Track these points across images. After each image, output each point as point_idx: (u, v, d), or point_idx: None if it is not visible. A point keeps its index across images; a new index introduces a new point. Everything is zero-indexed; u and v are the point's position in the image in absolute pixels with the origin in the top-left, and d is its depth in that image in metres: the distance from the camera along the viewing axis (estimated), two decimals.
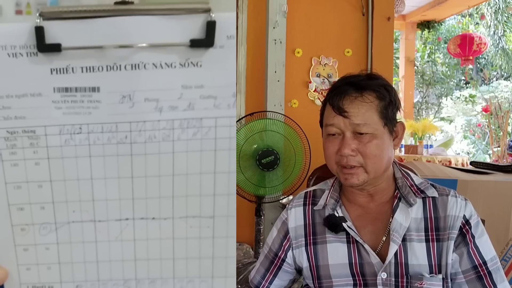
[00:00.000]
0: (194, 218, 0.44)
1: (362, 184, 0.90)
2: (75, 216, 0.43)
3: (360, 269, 0.90)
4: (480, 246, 0.88)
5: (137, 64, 0.41)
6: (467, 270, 0.88)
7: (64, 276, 0.44)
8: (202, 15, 0.41)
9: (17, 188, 0.43)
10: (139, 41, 0.41)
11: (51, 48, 0.40)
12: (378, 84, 0.90)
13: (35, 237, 0.43)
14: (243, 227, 2.43)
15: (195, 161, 0.43)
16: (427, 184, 0.95)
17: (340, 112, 0.89)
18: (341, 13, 2.78)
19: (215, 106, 0.42)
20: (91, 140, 0.42)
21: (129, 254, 0.44)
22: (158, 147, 0.43)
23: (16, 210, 0.43)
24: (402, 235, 0.88)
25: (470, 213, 0.90)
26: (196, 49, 0.41)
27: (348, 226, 0.91)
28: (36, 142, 0.42)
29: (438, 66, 8.88)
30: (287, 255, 0.98)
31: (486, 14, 8.09)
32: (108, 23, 0.40)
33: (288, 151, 2.09)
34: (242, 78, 2.63)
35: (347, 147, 0.88)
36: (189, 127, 0.42)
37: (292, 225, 0.98)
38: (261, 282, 1.01)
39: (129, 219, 0.44)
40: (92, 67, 0.41)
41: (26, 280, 0.44)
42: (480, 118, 8.26)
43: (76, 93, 0.42)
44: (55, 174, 0.43)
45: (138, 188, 0.43)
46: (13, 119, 0.41)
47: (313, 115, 2.77)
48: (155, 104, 0.42)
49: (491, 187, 1.60)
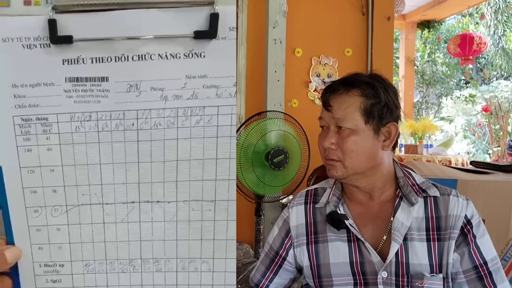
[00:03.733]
0: (197, 202, 0.46)
1: (342, 178, 0.93)
2: (84, 199, 0.46)
3: (360, 268, 0.90)
4: (481, 246, 0.89)
5: (143, 55, 0.44)
6: (467, 270, 0.88)
7: (74, 255, 0.47)
8: (205, 7, 0.43)
9: (30, 172, 0.45)
10: (145, 33, 0.43)
11: (63, 40, 0.43)
12: (364, 82, 0.92)
13: (47, 218, 0.46)
14: (243, 227, 2.43)
15: (198, 147, 0.45)
16: (428, 184, 0.95)
17: (325, 106, 0.93)
18: (341, 13, 2.79)
19: (217, 95, 0.45)
20: (100, 127, 0.45)
21: (135, 235, 0.47)
22: (163, 133, 0.45)
23: (30, 193, 0.45)
24: (403, 234, 0.89)
25: (472, 213, 0.91)
26: (199, 41, 0.44)
27: (349, 224, 0.92)
28: (49, 129, 0.45)
29: (438, 66, 8.88)
30: (288, 253, 0.99)
31: (486, 13, 8.08)
32: (117, 16, 0.43)
33: (294, 151, 2.10)
34: (242, 78, 2.64)
35: (327, 139, 0.92)
36: (192, 115, 0.45)
37: (294, 223, 0.99)
38: (261, 280, 1.01)
39: (135, 202, 0.46)
40: (101, 58, 0.44)
41: (38, 259, 0.46)
42: (480, 118, 8.26)
43: (86, 82, 0.44)
44: (66, 159, 0.45)
45: (143, 173, 0.46)
46: (27, 107, 0.44)
47: (313, 115, 2.77)
48: (160, 93, 0.44)
49: (491, 187, 1.60)
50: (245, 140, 2.00)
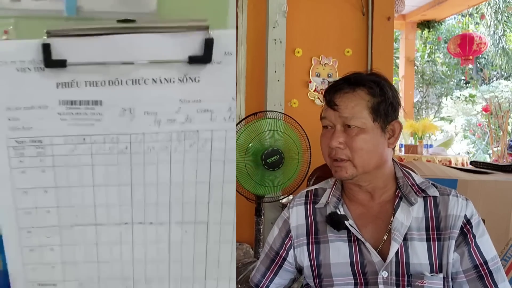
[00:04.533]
0: (189, 224, 0.47)
1: (351, 178, 0.92)
2: (78, 220, 0.46)
3: (361, 268, 0.90)
4: (481, 245, 0.89)
5: (137, 80, 0.44)
6: (468, 270, 0.88)
7: (67, 275, 0.47)
8: (200, 32, 0.43)
9: (24, 193, 0.45)
10: (140, 57, 0.43)
11: (57, 63, 0.43)
12: (370, 80, 0.92)
13: (41, 239, 0.46)
14: (243, 227, 2.43)
15: (191, 170, 0.46)
16: (428, 184, 0.96)
17: (331, 106, 0.92)
18: (341, 13, 2.79)
19: (212, 119, 0.45)
20: (93, 150, 0.45)
21: (128, 255, 0.47)
22: (156, 157, 0.45)
23: (24, 214, 0.46)
24: (403, 234, 0.89)
25: (471, 213, 0.91)
26: (194, 65, 0.44)
27: (349, 224, 0.92)
28: (43, 151, 0.45)
29: (438, 66, 8.86)
30: (288, 253, 0.98)
31: (486, 13, 8.07)
32: (111, 41, 0.43)
33: (291, 151, 2.09)
34: (242, 78, 2.64)
35: (335, 139, 0.90)
36: (186, 139, 0.45)
37: (294, 224, 0.99)
38: (261, 280, 1.00)
39: (128, 223, 0.47)
40: (96, 82, 0.44)
41: (32, 278, 0.47)
42: (480, 118, 8.26)
43: (80, 106, 0.44)
44: (59, 181, 0.46)
45: (136, 195, 0.46)
46: (21, 130, 0.44)
47: (313, 115, 2.77)
48: (154, 118, 0.45)
49: (491, 187, 1.60)
50: (238, 140, 2.00)
